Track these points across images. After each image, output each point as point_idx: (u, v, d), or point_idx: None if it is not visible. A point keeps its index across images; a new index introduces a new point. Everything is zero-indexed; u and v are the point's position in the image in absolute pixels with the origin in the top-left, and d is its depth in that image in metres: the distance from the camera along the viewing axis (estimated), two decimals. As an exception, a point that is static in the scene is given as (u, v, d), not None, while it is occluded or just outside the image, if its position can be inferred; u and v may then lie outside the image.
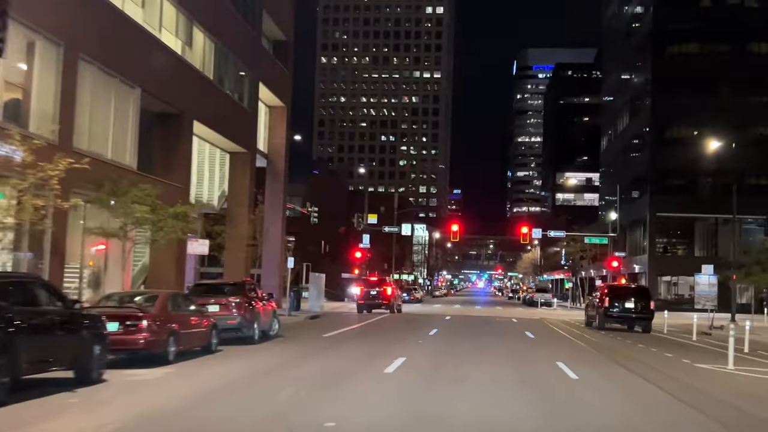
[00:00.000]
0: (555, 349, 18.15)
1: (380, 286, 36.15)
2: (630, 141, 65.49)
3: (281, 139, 37.72)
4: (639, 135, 62.72)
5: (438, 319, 32.50)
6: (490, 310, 49.31)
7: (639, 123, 62.07)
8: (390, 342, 18.85)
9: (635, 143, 63.79)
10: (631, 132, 65.09)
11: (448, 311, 44.04)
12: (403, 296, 64.07)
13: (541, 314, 43.10)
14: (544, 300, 63.60)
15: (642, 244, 60.96)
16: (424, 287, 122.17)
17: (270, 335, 19.26)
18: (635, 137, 63.91)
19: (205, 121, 27.14)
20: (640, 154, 61.14)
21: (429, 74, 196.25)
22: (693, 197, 56.40)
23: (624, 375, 13.57)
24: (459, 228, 56.41)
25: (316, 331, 21.97)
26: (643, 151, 60.51)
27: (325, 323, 27.85)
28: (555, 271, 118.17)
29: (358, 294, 36.33)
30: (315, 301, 36.86)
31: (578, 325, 30.19)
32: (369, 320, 29.73)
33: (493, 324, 29.51)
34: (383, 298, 35.94)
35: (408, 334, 21.65)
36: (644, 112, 60.27)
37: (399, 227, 57.76)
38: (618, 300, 26.37)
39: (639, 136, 62.71)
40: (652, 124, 57.53)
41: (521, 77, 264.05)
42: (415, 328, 25.11)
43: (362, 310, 36.45)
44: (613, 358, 16.46)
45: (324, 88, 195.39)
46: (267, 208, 37.63)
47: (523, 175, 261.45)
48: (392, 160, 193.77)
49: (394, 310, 36.65)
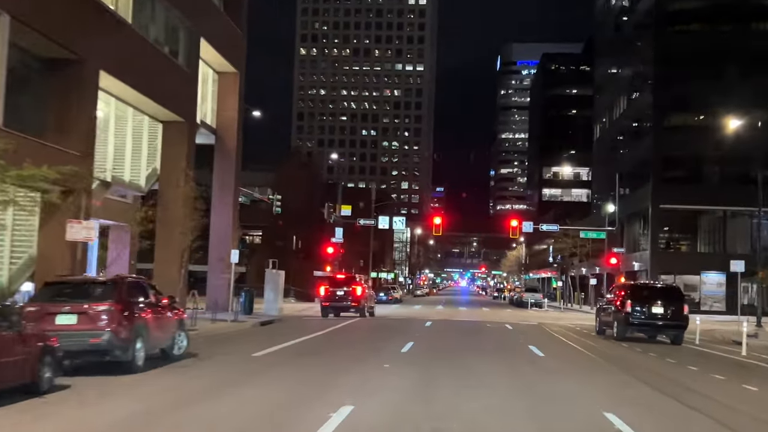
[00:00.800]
0: (584, 379, 12.49)
1: (348, 285, 30.40)
2: (628, 128, 60.17)
3: (233, 111, 31.88)
4: (639, 121, 57.41)
5: (416, 325, 26.81)
6: (476, 313, 43.75)
7: (639, 108, 56.75)
8: (341, 367, 13.11)
9: (634, 130, 58.46)
10: (629, 118, 59.76)
11: (430, 314, 38.43)
12: (379, 296, 58.52)
13: (535, 317, 37.58)
14: (534, 300, 58.14)
15: (642, 239, 55.68)
16: (405, 286, 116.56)
17: (173, 356, 13.49)
18: (634, 124, 58.59)
19: (120, 74, 21.27)
20: (640, 142, 55.82)
21: (411, 67, 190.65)
22: (699, 188, 51.15)
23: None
24: (442, 221, 50.90)
25: (250, 346, 16.21)
26: (644, 138, 55.20)
27: (275, 332, 22.12)
28: (541, 269, 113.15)
29: (322, 295, 30.59)
30: (272, 303, 31.08)
31: (588, 334, 24.65)
32: (330, 327, 23.99)
33: (485, 333, 23.84)
34: (352, 300, 30.23)
35: (372, 351, 15.89)
36: (645, 96, 54.96)
37: (375, 220, 52.04)
38: (643, 303, 20.82)
39: (639, 121, 57.40)
40: (653, 107, 52.14)
41: (505, 72, 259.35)
42: (385, 339, 19.40)
43: (327, 314, 30.74)
44: (677, 397, 10.82)
45: (303, 81, 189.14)
46: (215, 192, 31.83)
47: (507, 172, 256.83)
48: (373, 155, 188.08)
49: (365, 313, 30.95)
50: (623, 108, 61.25)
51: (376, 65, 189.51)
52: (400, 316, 34.79)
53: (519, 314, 42.38)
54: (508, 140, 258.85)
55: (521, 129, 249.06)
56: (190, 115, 26.96)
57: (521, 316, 38.37)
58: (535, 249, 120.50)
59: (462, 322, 30.02)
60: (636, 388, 11.62)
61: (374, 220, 52.18)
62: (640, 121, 56.77)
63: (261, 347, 15.95)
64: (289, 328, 23.98)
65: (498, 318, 35.45)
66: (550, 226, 52.80)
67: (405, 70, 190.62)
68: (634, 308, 20.79)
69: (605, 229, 51.90)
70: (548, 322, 32.03)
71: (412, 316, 35.33)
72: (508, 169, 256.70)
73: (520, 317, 37.15)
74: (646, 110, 54.39)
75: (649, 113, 53.63)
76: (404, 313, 39.35)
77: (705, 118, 52.53)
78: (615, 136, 64.47)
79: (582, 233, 52.59)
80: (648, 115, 54.14)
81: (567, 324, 31.25)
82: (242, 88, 32.49)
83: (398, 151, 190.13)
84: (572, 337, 22.59)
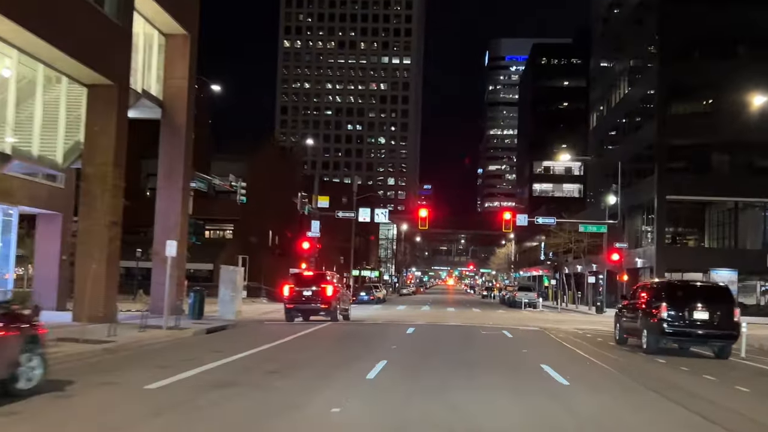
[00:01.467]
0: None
1: (317, 283, 25.75)
2: (629, 115, 55.85)
3: (182, 80, 27.14)
4: (641, 106, 53.09)
5: (396, 331, 22.22)
6: (466, 314, 39.24)
7: (641, 92, 52.43)
8: (263, 413, 8.49)
9: (636, 116, 54.14)
10: (630, 104, 55.42)
11: (414, 316, 33.88)
12: (360, 296, 53.98)
13: (532, 320, 33.15)
14: (528, 300, 53.78)
15: (644, 234, 51.42)
16: (390, 284, 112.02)
17: (15, 391, 8.84)
18: (636, 110, 54.27)
19: (20, 16, 16.58)
20: (643, 129, 51.51)
21: (398, 60, 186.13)
22: (707, 178, 46.91)
23: None
24: (428, 215, 46.33)
25: (158, 369, 11.61)
26: (647, 125, 50.91)
27: (215, 343, 17.52)
28: (532, 267, 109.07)
29: (286, 295, 25.92)
30: (228, 305, 26.44)
31: (604, 343, 20.16)
32: (288, 337, 19.36)
33: (480, 343, 19.24)
34: (322, 301, 25.61)
35: (324, 379, 11.16)
36: (648, 80, 50.64)
37: (356, 212, 47.40)
38: (681, 307, 16.34)
39: (642, 107, 53.08)
40: (657, 92, 47.80)
41: (493, 68, 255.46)
42: (349, 356, 14.77)
43: (293, 318, 26.13)
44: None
45: (287, 74, 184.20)
46: (161, 174, 27.13)
47: (496, 169, 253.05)
48: (359, 151, 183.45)
49: (337, 317, 26.35)
50: (624, 93, 56.93)
51: (362, 58, 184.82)
52: (380, 319, 30.20)
53: (514, 316, 37.92)
54: (497, 137, 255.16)
55: (509, 125, 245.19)
56: (122, 77, 22.22)
57: (517, 319, 33.90)
58: (526, 246, 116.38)
59: (451, 327, 25.44)
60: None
61: (354, 212, 47.47)
62: (643, 107, 52.48)
63: (173, 371, 11.34)
64: (236, 338, 19.38)
65: (491, 321, 30.96)
66: (546, 218, 48.37)
67: (391, 64, 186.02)
68: (670, 313, 16.31)
69: (606, 222, 47.54)
70: (550, 326, 27.57)
71: (394, 318, 30.76)
72: (496, 165, 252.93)
73: (516, 320, 32.68)
74: (650, 95, 50.09)
75: (652, 98, 49.34)
76: (385, 315, 34.77)
77: (713, 102, 48.32)
78: (614, 124, 60.19)
79: (581, 227, 48.22)
80: (652, 100, 49.85)
81: (572, 328, 26.80)
82: (194, 54, 27.77)
83: (385, 147, 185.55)
84: (588, 349, 18.08)
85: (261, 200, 58.45)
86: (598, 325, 31.30)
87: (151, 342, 17.34)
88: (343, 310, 27.72)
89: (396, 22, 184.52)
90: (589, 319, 37.17)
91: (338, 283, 27.63)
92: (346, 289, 29.05)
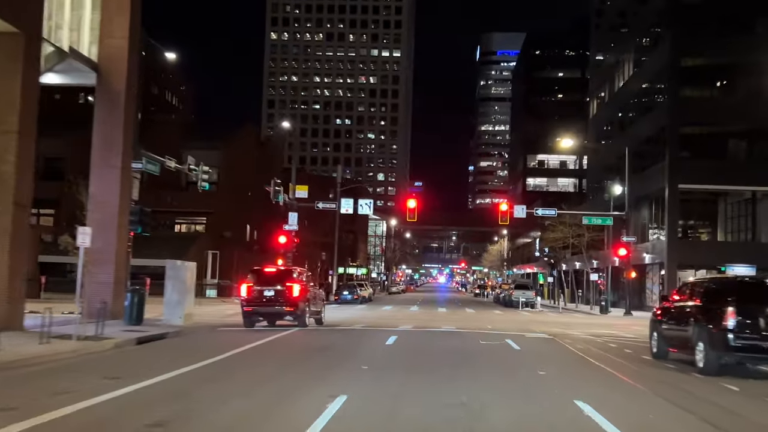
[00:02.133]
0: None
1: (281, 282, 21.30)
2: (636, 98, 51.65)
3: (121, 39, 22.67)
4: (650, 88, 48.94)
5: (374, 342, 17.84)
6: (459, 316, 34.93)
7: (651, 72, 48.22)
8: None
9: (644, 99, 49.95)
10: (637, 86, 51.21)
11: (400, 319, 29.56)
12: (343, 295, 49.57)
13: (536, 323, 28.89)
14: (525, 299, 49.58)
15: (652, 227, 47.30)
16: (379, 283, 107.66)
17: None
18: (644, 92, 50.09)
19: None
20: (652, 113, 47.37)
21: (388, 53, 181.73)
22: (723, 165, 42.82)
23: None
24: (417, 205, 42.10)
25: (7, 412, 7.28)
26: (656, 108, 46.79)
27: (131, 361, 13.19)
28: (526, 264, 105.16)
29: (243, 296, 21.49)
30: (174, 308, 22.00)
31: (637, 357, 15.88)
32: (231, 351, 14.96)
33: (480, 358, 14.80)
34: (286, 302, 21.21)
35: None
36: (658, 57, 46.47)
37: (337, 203, 42.98)
38: (755, 312, 12.07)
39: (650, 89, 48.93)
40: (670, 67, 43.59)
41: (485, 63, 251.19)
42: (293, 390, 10.25)
43: (252, 323, 21.75)
44: None
45: (274, 67, 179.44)
46: (95, 151, 22.70)
47: (487, 165, 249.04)
48: (348, 146, 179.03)
49: (305, 321, 21.93)
50: (629, 75, 52.69)
51: (351, 51, 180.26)
52: (359, 322, 25.83)
53: (513, 318, 33.65)
54: (488, 132, 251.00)
55: (501, 121, 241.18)
56: (32, 25, 17.77)
57: (517, 322, 29.62)
58: (519, 243, 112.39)
59: (442, 334, 21.08)
60: None
61: (336, 203, 43.05)
62: (652, 90, 48.33)
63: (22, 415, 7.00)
64: (164, 353, 15.03)
65: (489, 324, 26.65)
66: (546, 210, 44.15)
67: (381, 56, 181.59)
68: (738, 320, 12.02)
69: (613, 214, 43.35)
70: (557, 332, 23.33)
71: (376, 322, 26.40)
72: (488, 162, 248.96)
73: (516, 323, 28.41)
74: (660, 76, 45.91)
75: (663, 79, 45.15)
76: (368, 317, 30.40)
77: (729, 83, 44.21)
78: (618, 110, 55.99)
79: (584, 219, 43.95)
80: (661, 82, 45.69)
81: (584, 334, 22.55)
82: (137, 9, 23.31)
83: (374, 142, 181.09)
84: (622, 367, 13.77)
85: (238, 192, 54.03)
86: (611, 328, 27.10)
87: (41, 360, 12.96)
88: (315, 312, 23.33)
89: (386, 13, 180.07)
90: (597, 321, 32.98)
91: (308, 281, 23.22)
92: (318, 288, 24.64)
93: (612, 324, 30.77)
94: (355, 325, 24.19)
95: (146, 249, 41.52)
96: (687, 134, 43.06)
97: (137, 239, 47.49)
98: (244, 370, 12.17)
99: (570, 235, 51.20)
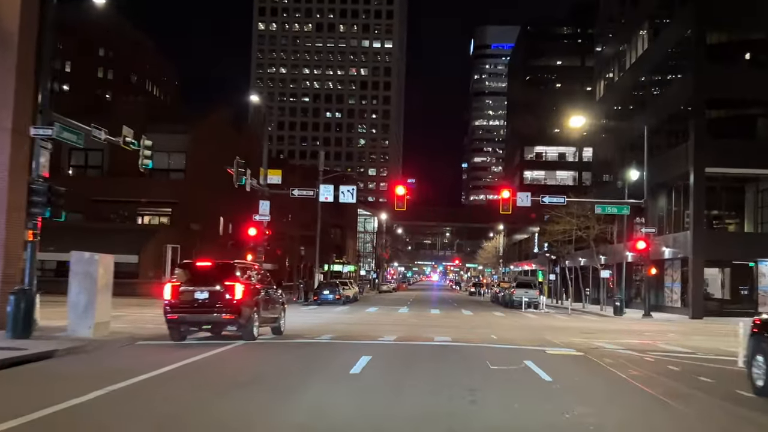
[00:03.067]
0: None
1: (219, 280, 15.81)
2: (652, 73, 46.24)
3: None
4: (670, 60, 43.64)
5: (335, 367, 12.29)
6: (455, 320, 29.54)
7: (671, 42, 42.83)
8: None
9: (663, 73, 44.55)
10: (652, 61, 45.76)
11: (384, 325, 24.18)
12: (323, 295, 43.97)
13: (548, 330, 23.54)
14: (528, 299, 44.31)
15: (674, 216, 42.02)
16: (369, 281, 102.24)
17: None
18: (662, 67, 44.71)
19: None
20: (672, 88, 42.06)
21: (380, 44, 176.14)
22: (754, 146, 37.56)
23: None
24: (409, 196, 36.78)
25: None
26: (677, 82, 41.50)
27: None
28: (523, 261, 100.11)
29: (168, 299, 15.98)
30: (83, 315, 16.51)
31: (718, 387, 10.56)
32: (117, 384, 9.51)
33: (495, 401, 9.37)
34: (226, 308, 15.69)
35: None
36: (679, 25, 41.16)
37: (315, 191, 37.43)
38: None
39: (670, 61, 43.62)
40: (695, 31, 38.17)
41: (478, 56, 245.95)
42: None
43: (182, 335, 16.28)
44: None
45: (262, 58, 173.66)
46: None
47: (481, 161, 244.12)
48: (338, 139, 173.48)
49: (252, 332, 16.33)
50: (643, 49, 47.30)
51: (341, 42, 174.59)
52: (331, 331, 20.38)
53: (519, 323, 28.31)
54: (482, 128, 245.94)
55: (496, 116, 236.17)
56: None
57: (527, 329, 24.27)
58: (516, 239, 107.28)
59: (434, 352, 15.62)
60: None
61: (314, 190, 37.50)
62: (672, 64, 43.01)
63: None
64: (36, 384, 9.62)
65: (493, 332, 21.26)
66: (553, 198, 38.81)
67: (372, 47, 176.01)
68: None
69: (629, 201, 38.02)
70: (581, 342, 18.05)
71: (352, 331, 20.97)
72: (482, 158, 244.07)
73: (526, 330, 23.07)
74: (681, 47, 40.55)
75: (685, 48, 39.81)
76: (344, 323, 24.98)
77: (765, 52, 38.89)
78: (630, 90, 50.59)
79: (597, 207, 38.57)
80: (683, 54, 40.36)
81: (621, 347, 17.26)
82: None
83: (366, 136, 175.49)
84: (718, 414, 8.43)
85: (210, 181, 48.44)
86: (642, 336, 21.86)
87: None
88: (269, 320, 17.86)
89: (377, 3, 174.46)
90: (618, 326, 27.68)
91: (261, 280, 17.74)
92: (275, 288, 19.06)
93: (640, 330, 25.49)
94: (323, 335, 18.76)
95: (95, 242, 36.10)
96: (715, 111, 37.76)
97: (84, 230, 41.90)
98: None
99: (577, 227, 45.94)
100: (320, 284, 45.75)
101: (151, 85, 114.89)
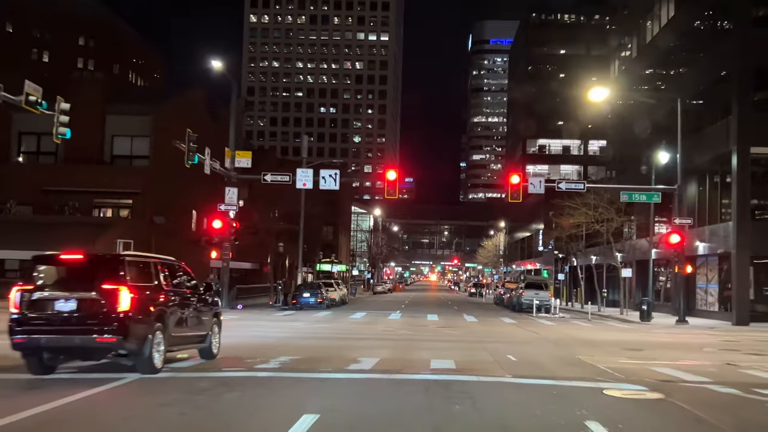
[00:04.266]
0: None
1: (93, 283, 10.16)
2: (679, 41, 40.45)
3: None
4: (706, 24, 37.97)
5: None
6: (458, 330, 23.84)
7: (704, 3, 37.16)
8: None
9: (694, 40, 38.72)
10: (682, 27, 39.92)
11: (366, 338, 18.53)
12: (303, 298, 38.15)
13: (575, 342, 17.90)
14: (539, 302, 38.67)
15: (704, 206, 36.35)
16: (363, 281, 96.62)
17: None
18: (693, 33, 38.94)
19: None
20: (708, 56, 36.30)
21: (375, 37, 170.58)
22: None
23: None
24: (398, 175, 31.21)
25: None
26: (713, 51, 35.80)
27: None
28: (526, 260, 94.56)
29: (13, 312, 10.37)
30: None
31: None
32: None
33: None
34: (104, 325, 9.99)
35: None
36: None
37: (292, 176, 31.62)
38: None
39: (703, 27, 37.95)
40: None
41: (477, 52, 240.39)
42: None
43: (46, 367, 10.54)
44: None
45: (254, 51, 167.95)
46: None
47: (480, 159, 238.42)
48: (333, 135, 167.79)
49: (152, 362, 10.50)
50: (669, 16, 41.60)
51: (336, 34, 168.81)
52: (287, 353, 14.65)
53: (537, 334, 22.63)
54: (480, 125, 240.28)
55: (494, 113, 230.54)
56: None
57: (552, 344, 18.61)
58: (517, 237, 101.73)
59: (428, 392, 9.92)
60: None
61: (289, 175, 31.69)
62: (709, 22, 37.31)
63: None
64: None
65: (509, 351, 15.57)
66: (572, 183, 33.23)
67: (368, 40, 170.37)
68: None
69: (660, 188, 32.39)
70: (632, 366, 12.55)
71: (318, 351, 15.26)
72: (480, 155, 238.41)
73: (551, 347, 17.43)
74: (720, 6, 34.89)
75: (726, 9, 34.14)
76: (316, 335, 19.30)
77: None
78: (654, 63, 44.84)
79: (624, 195, 32.81)
80: (721, 14, 34.71)
81: (698, 375, 11.70)
82: None
83: (361, 131, 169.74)
84: None
85: (179, 171, 42.71)
86: (707, 355, 16.30)
87: None
88: (190, 339, 12.16)
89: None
90: (659, 337, 22.07)
91: (172, 281, 11.99)
92: (203, 291, 13.09)
93: (691, 343, 19.87)
94: (271, 360, 13.03)
95: (40, 238, 30.61)
96: (761, 82, 32.08)
97: (30, 224, 36.19)
98: None
99: (594, 219, 40.31)
100: (299, 286, 39.90)
101: (135, 77, 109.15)
